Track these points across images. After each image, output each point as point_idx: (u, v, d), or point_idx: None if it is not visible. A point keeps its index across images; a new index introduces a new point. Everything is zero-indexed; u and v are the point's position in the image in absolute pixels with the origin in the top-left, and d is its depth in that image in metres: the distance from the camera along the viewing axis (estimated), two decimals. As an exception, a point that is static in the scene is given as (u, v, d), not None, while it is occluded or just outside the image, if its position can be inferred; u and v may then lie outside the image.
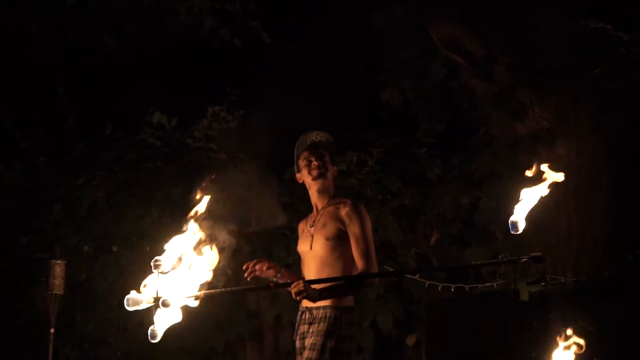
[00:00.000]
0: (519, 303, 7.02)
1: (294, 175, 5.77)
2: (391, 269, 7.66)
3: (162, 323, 3.93)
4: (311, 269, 5.54)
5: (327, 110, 9.10)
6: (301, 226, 5.75)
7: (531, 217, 4.28)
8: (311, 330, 5.35)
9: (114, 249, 8.75)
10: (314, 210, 5.70)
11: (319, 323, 5.34)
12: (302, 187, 5.66)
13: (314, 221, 5.62)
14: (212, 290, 4.24)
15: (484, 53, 7.89)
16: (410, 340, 7.64)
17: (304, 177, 5.66)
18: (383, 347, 7.85)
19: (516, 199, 6.12)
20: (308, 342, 5.32)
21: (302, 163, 5.65)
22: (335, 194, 5.67)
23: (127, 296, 3.88)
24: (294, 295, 5.18)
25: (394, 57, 9.15)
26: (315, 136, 5.71)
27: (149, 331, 3.88)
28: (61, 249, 8.03)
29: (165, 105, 8.91)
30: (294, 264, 7.23)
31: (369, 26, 9.34)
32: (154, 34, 9.23)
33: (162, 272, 3.91)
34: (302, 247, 5.67)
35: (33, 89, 9.55)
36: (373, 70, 9.16)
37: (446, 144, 8.48)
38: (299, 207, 8.06)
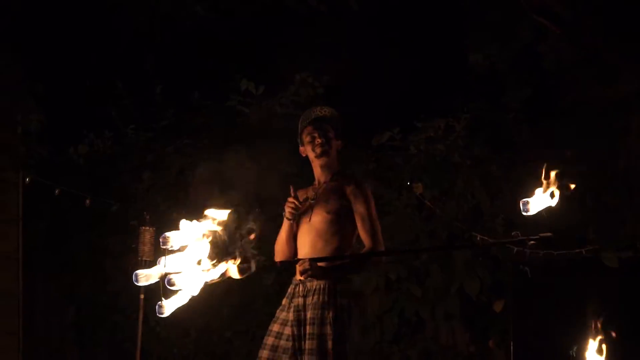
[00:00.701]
0: (607, 269, 6.96)
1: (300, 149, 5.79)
2: (479, 236, 7.62)
3: (172, 300, 3.90)
4: (306, 241, 5.58)
5: (414, 76, 9.10)
6: (301, 195, 5.72)
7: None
8: (306, 303, 5.41)
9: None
10: (316, 182, 5.75)
11: (313, 295, 5.39)
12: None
13: (316, 194, 5.65)
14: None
15: (572, 16, 7.77)
16: (498, 305, 7.59)
17: (307, 152, 5.71)
18: (470, 313, 7.83)
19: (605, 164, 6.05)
20: (308, 315, 5.37)
21: (305, 138, 5.69)
22: (339, 170, 5.73)
23: (136, 272, 3.86)
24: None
25: (480, 21, 9.05)
26: (320, 111, 5.74)
27: (157, 306, 3.86)
28: (151, 216, 8.16)
29: (252, 72, 8.95)
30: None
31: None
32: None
33: (170, 250, 3.86)
34: (300, 217, 5.66)
35: (122, 58, 9.65)
36: (459, 35, 9.08)
37: (533, 109, 8.38)
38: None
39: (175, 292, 3.88)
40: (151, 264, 8.02)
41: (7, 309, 9.08)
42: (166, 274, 3.83)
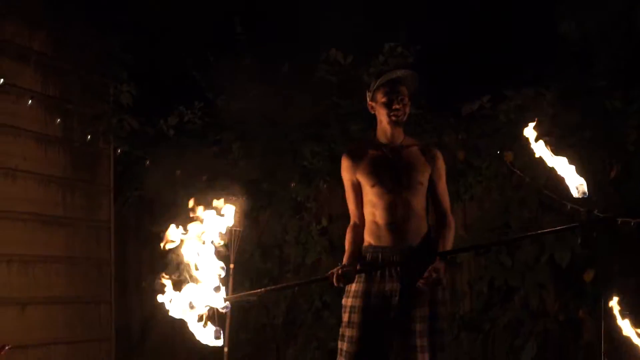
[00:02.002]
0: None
1: (367, 102, 5.55)
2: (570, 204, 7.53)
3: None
4: (396, 213, 5.31)
5: (504, 44, 9.03)
6: (361, 148, 5.52)
7: None
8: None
9: (292, 185, 8.91)
10: (388, 138, 5.49)
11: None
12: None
13: (393, 157, 5.41)
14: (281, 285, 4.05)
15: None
16: (588, 275, 7.51)
17: (380, 112, 5.44)
18: (560, 282, 7.78)
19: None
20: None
21: (380, 97, 5.41)
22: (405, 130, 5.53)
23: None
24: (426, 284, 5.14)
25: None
26: (400, 72, 5.46)
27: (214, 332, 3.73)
28: (241, 186, 8.23)
29: (340, 41, 8.94)
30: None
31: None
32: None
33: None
34: (383, 186, 5.38)
35: (211, 29, 9.71)
36: (550, 1, 8.96)
37: (628, 74, 8.24)
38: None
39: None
40: (240, 233, 8.14)
41: (100, 278, 9.26)
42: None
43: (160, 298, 3.73)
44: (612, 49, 8.52)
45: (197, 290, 3.72)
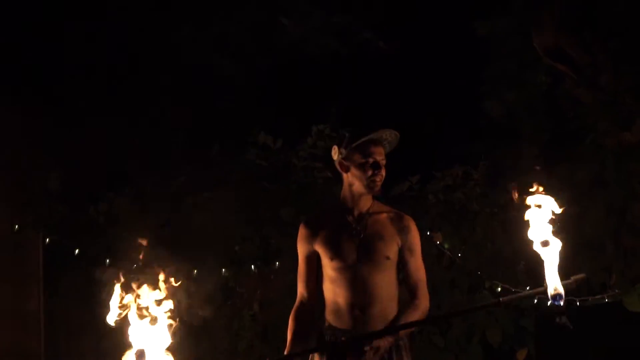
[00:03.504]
0: (631, 314, 6.88)
1: (335, 158, 4.91)
2: (500, 285, 7.55)
3: None
4: (358, 293, 4.71)
5: (429, 122, 9.10)
6: (325, 218, 4.89)
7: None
8: None
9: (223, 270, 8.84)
10: (354, 203, 4.85)
11: None
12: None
13: (357, 226, 4.79)
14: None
15: (588, 61, 7.75)
16: (521, 354, 7.51)
17: (354, 174, 4.80)
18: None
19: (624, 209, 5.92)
20: None
21: (359, 158, 4.80)
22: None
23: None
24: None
25: (496, 67, 9.04)
26: (392, 136, 4.97)
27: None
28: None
29: (269, 124, 8.96)
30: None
31: (472, 36, 9.28)
32: (260, 52, 9.36)
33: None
34: (342, 259, 4.75)
35: (139, 115, 9.68)
36: (475, 82, 9.08)
37: (551, 154, 8.34)
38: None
39: None
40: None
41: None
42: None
43: None
44: (536, 127, 8.65)
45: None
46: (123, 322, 3.44)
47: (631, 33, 7.63)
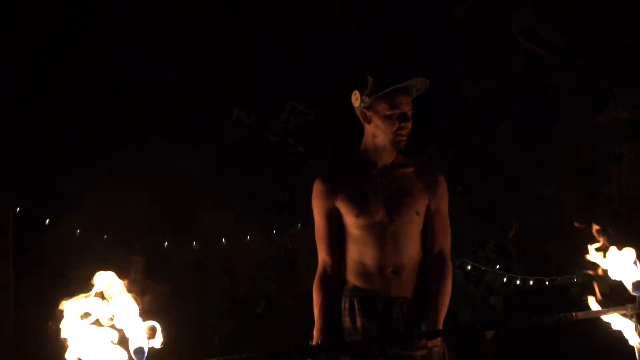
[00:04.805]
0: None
1: (357, 105, 4.39)
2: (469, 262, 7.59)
3: None
4: (388, 251, 4.23)
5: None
6: (346, 179, 4.34)
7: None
8: None
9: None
10: (378, 156, 4.35)
11: None
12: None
13: (383, 180, 4.31)
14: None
15: (564, 43, 7.79)
16: (489, 332, 7.55)
17: (377, 125, 4.31)
18: (462, 339, 7.78)
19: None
20: None
21: (384, 109, 4.29)
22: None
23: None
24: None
25: (472, 50, 9.05)
26: (421, 83, 4.40)
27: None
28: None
29: (243, 100, 8.94)
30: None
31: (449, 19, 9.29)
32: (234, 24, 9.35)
33: None
34: (370, 216, 4.27)
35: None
36: (452, 64, 9.08)
37: (525, 137, 8.37)
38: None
39: None
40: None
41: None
42: None
43: None
44: (512, 109, 8.68)
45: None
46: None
47: (606, 16, 7.67)
